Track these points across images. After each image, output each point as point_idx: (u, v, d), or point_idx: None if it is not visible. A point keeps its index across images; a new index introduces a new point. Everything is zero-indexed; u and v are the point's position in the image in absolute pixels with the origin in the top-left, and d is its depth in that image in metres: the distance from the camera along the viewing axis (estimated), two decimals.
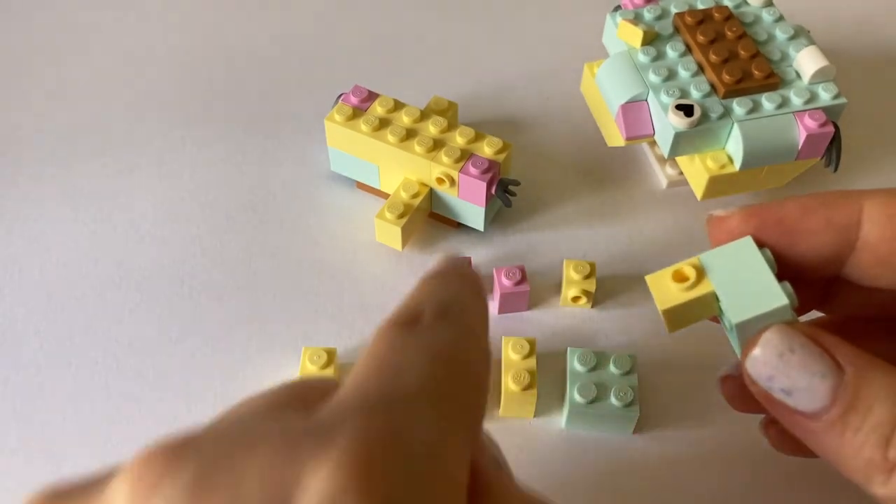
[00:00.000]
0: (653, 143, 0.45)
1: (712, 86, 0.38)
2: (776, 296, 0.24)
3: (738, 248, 0.25)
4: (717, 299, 0.25)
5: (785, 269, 0.25)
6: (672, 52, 0.40)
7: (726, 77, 0.38)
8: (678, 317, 0.26)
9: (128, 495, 0.15)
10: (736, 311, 0.24)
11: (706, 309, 0.26)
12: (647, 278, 0.26)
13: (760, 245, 0.25)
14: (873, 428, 0.21)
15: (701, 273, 0.25)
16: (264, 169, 0.44)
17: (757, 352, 0.23)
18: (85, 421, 0.35)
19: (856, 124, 0.45)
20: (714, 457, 0.34)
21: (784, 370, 0.23)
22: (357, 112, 0.40)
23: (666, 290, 0.26)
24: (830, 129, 0.37)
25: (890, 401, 0.21)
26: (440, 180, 0.39)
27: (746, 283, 0.25)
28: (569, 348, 0.35)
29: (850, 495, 0.33)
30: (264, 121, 0.47)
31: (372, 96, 0.41)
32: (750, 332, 0.24)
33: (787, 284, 0.24)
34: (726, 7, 0.41)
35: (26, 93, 0.49)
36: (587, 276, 0.38)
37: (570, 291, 0.38)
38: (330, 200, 0.43)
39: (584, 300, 0.38)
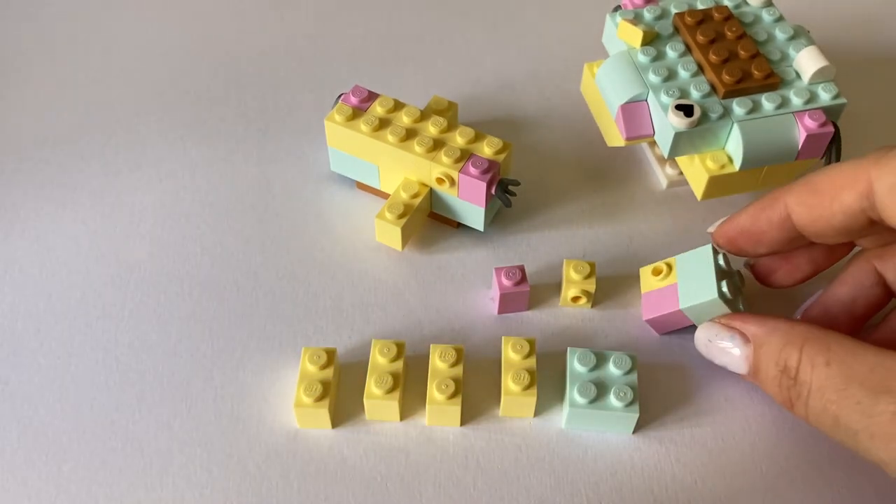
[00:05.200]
0: (653, 144, 0.45)
1: (712, 86, 0.38)
2: (710, 291, 0.34)
3: (701, 252, 0.36)
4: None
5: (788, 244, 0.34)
6: (672, 52, 0.40)
7: (726, 77, 0.38)
8: None
9: None
10: (683, 300, 0.35)
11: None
12: (641, 270, 0.38)
13: (717, 250, 0.36)
14: (771, 381, 0.31)
15: (671, 269, 0.37)
16: (264, 169, 0.44)
17: (696, 343, 0.34)
18: (85, 421, 0.35)
19: (856, 124, 0.45)
20: (714, 457, 0.34)
21: (712, 354, 0.33)
22: (357, 112, 0.40)
23: (647, 279, 0.38)
24: (830, 129, 0.37)
25: (776, 365, 0.30)
26: (440, 180, 0.39)
27: (696, 279, 0.35)
28: (569, 348, 0.35)
29: (849, 494, 0.33)
30: (264, 121, 0.47)
31: (372, 96, 0.41)
32: (696, 313, 0.35)
33: (724, 283, 0.34)
34: (726, 7, 0.41)
35: (26, 93, 0.49)
36: (587, 277, 0.38)
37: (570, 291, 0.38)
38: (330, 200, 0.43)
39: (584, 300, 0.38)
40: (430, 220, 0.42)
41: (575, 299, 0.38)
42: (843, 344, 0.29)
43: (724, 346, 0.32)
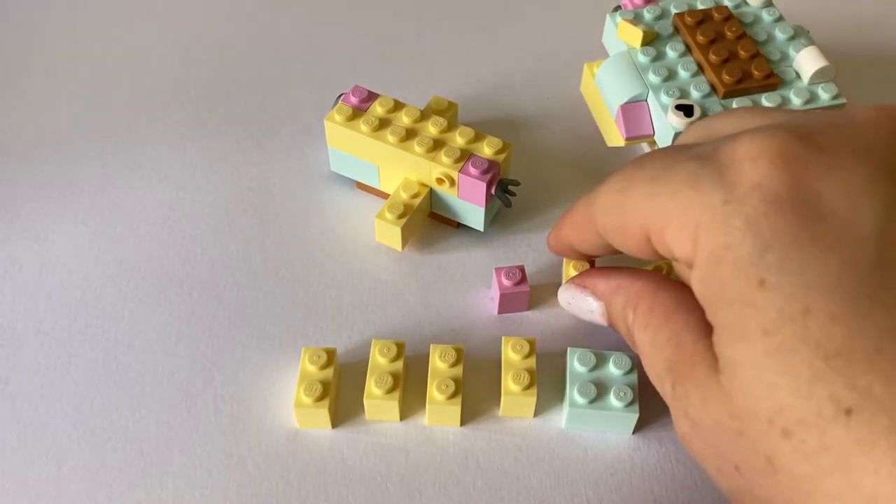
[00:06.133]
0: (653, 144, 0.45)
1: (712, 86, 0.38)
2: None
3: None
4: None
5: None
6: (672, 52, 0.40)
7: (726, 77, 0.38)
8: None
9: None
10: None
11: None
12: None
13: None
14: (625, 339, 0.31)
15: (671, 268, 0.37)
16: (264, 169, 0.44)
17: (561, 304, 0.35)
18: (85, 421, 0.35)
19: None
20: None
21: (575, 313, 0.34)
22: (357, 112, 0.40)
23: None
24: None
25: (624, 323, 0.30)
26: (440, 180, 0.39)
27: None
28: (569, 348, 0.35)
29: None
30: (264, 121, 0.47)
31: (372, 96, 0.41)
32: None
33: None
34: (726, 7, 0.41)
35: (26, 93, 0.49)
36: None
37: None
38: (330, 200, 0.43)
39: None
40: (430, 220, 0.42)
41: None
42: (665, 304, 0.27)
43: (583, 306, 0.33)
